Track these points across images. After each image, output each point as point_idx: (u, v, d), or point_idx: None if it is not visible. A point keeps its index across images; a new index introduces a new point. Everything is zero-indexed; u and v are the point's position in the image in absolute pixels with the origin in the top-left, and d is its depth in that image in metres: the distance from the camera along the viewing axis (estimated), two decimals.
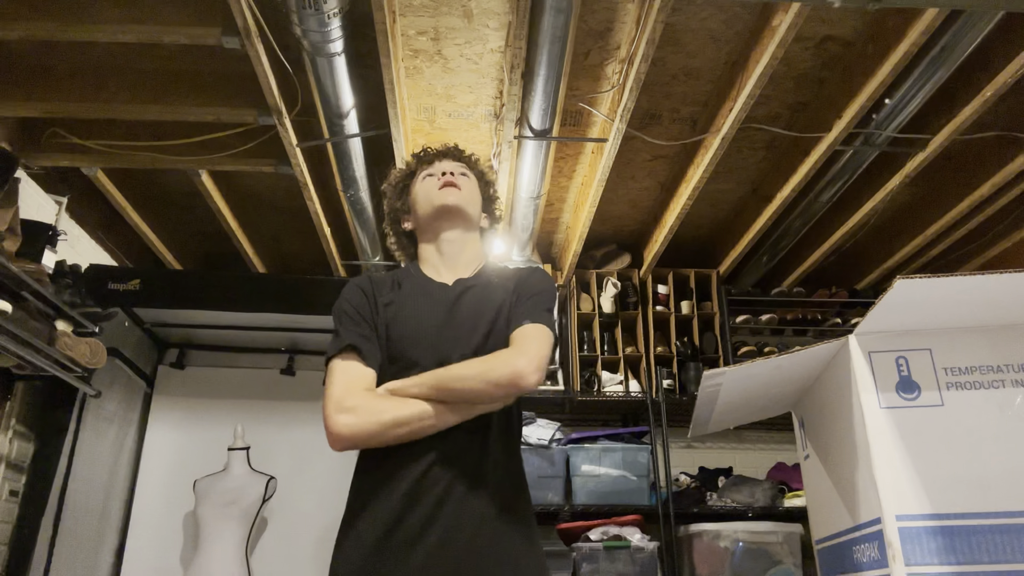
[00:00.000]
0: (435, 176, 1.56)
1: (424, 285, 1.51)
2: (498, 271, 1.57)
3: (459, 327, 1.42)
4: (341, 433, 1.27)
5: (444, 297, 1.47)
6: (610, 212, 3.56)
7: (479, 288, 1.49)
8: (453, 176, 1.55)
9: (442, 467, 1.31)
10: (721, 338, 3.78)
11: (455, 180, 1.55)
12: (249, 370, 3.38)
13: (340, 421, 1.28)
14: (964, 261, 3.75)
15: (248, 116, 2.54)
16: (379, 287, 1.50)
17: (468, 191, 1.57)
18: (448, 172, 1.56)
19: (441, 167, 1.58)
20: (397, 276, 1.55)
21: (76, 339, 2.40)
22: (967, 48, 2.20)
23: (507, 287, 1.49)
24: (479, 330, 1.41)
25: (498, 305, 1.45)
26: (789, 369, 1.72)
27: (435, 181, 1.55)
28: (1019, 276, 1.34)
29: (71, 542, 2.64)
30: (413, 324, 1.43)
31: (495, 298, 1.47)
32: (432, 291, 1.49)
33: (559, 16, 2.05)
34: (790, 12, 2.07)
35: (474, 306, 1.45)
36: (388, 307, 1.46)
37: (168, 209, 3.47)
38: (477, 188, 1.62)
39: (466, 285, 1.50)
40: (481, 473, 1.33)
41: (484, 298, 1.47)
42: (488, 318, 1.43)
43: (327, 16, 1.99)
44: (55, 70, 2.52)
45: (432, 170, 1.58)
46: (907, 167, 2.87)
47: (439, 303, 1.46)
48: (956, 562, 1.34)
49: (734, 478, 3.43)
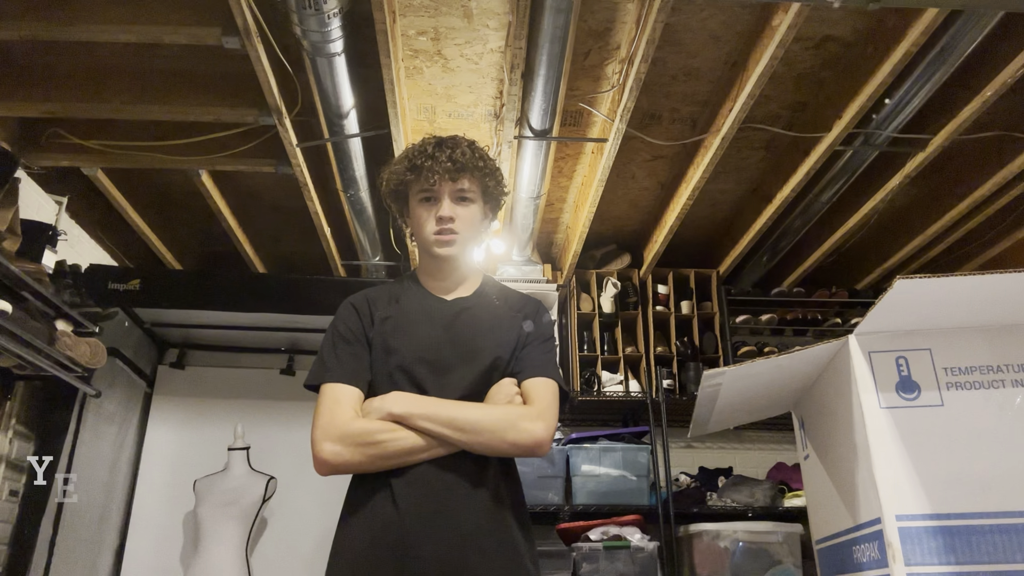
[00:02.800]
0: (431, 211, 1.46)
1: (422, 300, 1.50)
2: (498, 291, 1.56)
3: (458, 346, 1.42)
4: (328, 461, 1.29)
5: (442, 314, 1.47)
6: (610, 212, 3.56)
7: (478, 309, 1.49)
8: (452, 223, 1.45)
9: (437, 478, 1.31)
10: (721, 338, 3.78)
11: (452, 227, 1.45)
12: (249, 370, 3.39)
13: (327, 449, 1.28)
14: (964, 261, 3.75)
15: (248, 116, 2.53)
16: (376, 303, 1.49)
17: (466, 229, 1.48)
18: (447, 217, 1.44)
19: (439, 204, 1.46)
20: (395, 290, 1.54)
21: (76, 339, 2.40)
22: (967, 48, 2.20)
23: (512, 315, 1.49)
24: (482, 354, 1.41)
25: (501, 330, 1.45)
26: (789, 369, 1.72)
27: (432, 219, 1.45)
28: (1019, 276, 1.34)
29: (71, 542, 2.64)
30: (411, 340, 1.42)
31: (496, 322, 1.47)
32: (431, 307, 1.49)
33: (559, 16, 2.05)
34: (790, 12, 2.07)
35: (474, 326, 1.46)
36: (386, 321, 1.45)
37: (168, 209, 3.47)
38: (479, 207, 1.52)
39: (464, 305, 1.50)
40: (478, 484, 1.33)
41: (484, 320, 1.47)
42: (491, 342, 1.43)
43: (327, 16, 1.98)
44: (55, 70, 2.51)
45: (428, 194, 1.47)
46: (907, 167, 2.87)
47: (437, 320, 1.46)
48: (956, 562, 1.34)
49: (734, 478, 3.43)
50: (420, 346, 1.41)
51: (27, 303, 2.26)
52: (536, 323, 1.50)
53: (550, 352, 1.47)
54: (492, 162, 1.53)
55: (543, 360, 1.43)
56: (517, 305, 1.53)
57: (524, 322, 1.49)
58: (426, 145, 1.49)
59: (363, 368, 1.40)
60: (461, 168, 1.46)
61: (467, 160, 1.47)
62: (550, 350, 1.47)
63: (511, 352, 1.43)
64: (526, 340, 1.45)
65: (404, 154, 1.51)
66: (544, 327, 1.50)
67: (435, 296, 1.51)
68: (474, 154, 1.49)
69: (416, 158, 1.47)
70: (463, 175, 1.47)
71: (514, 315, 1.49)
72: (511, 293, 1.58)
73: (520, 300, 1.55)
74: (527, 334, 1.47)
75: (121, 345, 2.95)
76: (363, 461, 1.29)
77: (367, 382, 1.40)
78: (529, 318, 1.50)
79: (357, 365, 1.40)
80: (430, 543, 1.26)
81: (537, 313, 1.53)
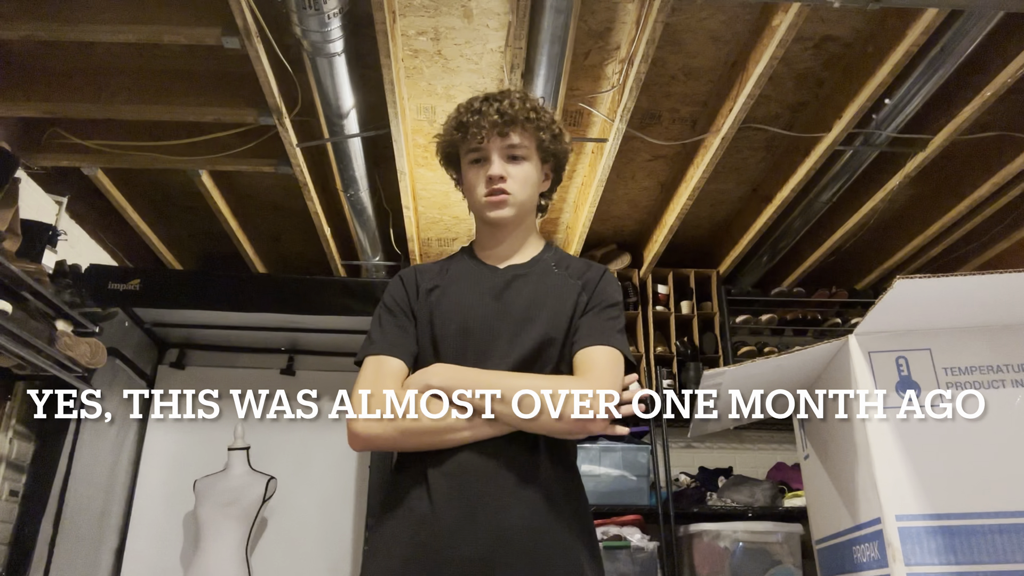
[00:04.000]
0: (481, 171, 1.35)
1: (473, 270, 1.39)
2: (560, 258, 1.42)
3: (506, 317, 1.29)
4: (358, 434, 1.19)
5: (493, 283, 1.35)
6: (610, 212, 3.56)
7: (534, 277, 1.36)
8: (504, 183, 1.33)
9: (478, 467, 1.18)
10: (721, 338, 3.78)
11: (504, 188, 1.33)
12: (249, 370, 3.39)
13: (359, 422, 1.18)
14: (964, 261, 3.75)
15: (248, 116, 2.53)
16: (424, 275, 1.40)
17: (520, 189, 1.35)
18: (497, 176, 1.33)
19: (488, 163, 1.34)
20: (448, 262, 1.44)
21: (76, 339, 2.40)
22: (967, 48, 2.20)
23: (571, 283, 1.35)
24: (533, 325, 1.28)
25: (558, 299, 1.32)
26: (789, 369, 1.72)
27: (482, 181, 1.34)
28: (1019, 276, 1.34)
29: (71, 542, 2.64)
30: (456, 310, 1.31)
31: (552, 291, 1.33)
32: (482, 276, 1.37)
33: (559, 16, 2.05)
34: (790, 12, 2.07)
35: (528, 296, 1.32)
36: (432, 292, 1.35)
37: (168, 209, 3.47)
38: (535, 165, 1.38)
39: (517, 272, 1.37)
40: (528, 474, 1.19)
41: (538, 289, 1.34)
42: (545, 313, 1.29)
43: (327, 16, 1.99)
44: (55, 70, 2.52)
45: (477, 154, 1.35)
46: (907, 167, 2.87)
47: (487, 289, 1.34)
48: (956, 562, 1.34)
49: (734, 478, 3.43)
50: (466, 316, 1.29)
51: (27, 303, 2.26)
52: (597, 289, 1.35)
53: (612, 319, 1.31)
54: (548, 114, 1.38)
55: (602, 327, 1.28)
56: (578, 271, 1.38)
57: (583, 289, 1.34)
58: (473, 101, 1.36)
59: (407, 340, 1.30)
60: (511, 121, 1.32)
61: (516, 112, 1.32)
62: (612, 316, 1.31)
63: (568, 322, 1.29)
64: (585, 307, 1.31)
65: (453, 112, 1.38)
66: (605, 292, 1.34)
67: (487, 265, 1.39)
68: (525, 105, 1.34)
69: (463, 115, 1.35)
70: (513, 129, 1.33)
71: (573, 283, 1.35)
72: (573, 260, 1.42)
73: (581, 266, 1.39)
74: (586, 301, 1.32)
75: (121, 345, 2.95)
76: (396, 437, 1.18)
77: (412, 354, 1.30)
78: (591, 284, 1.35)
79: (401, 337, 1.30)
80: (467, 543, 1.12)
81: (601, 279, 1.37)
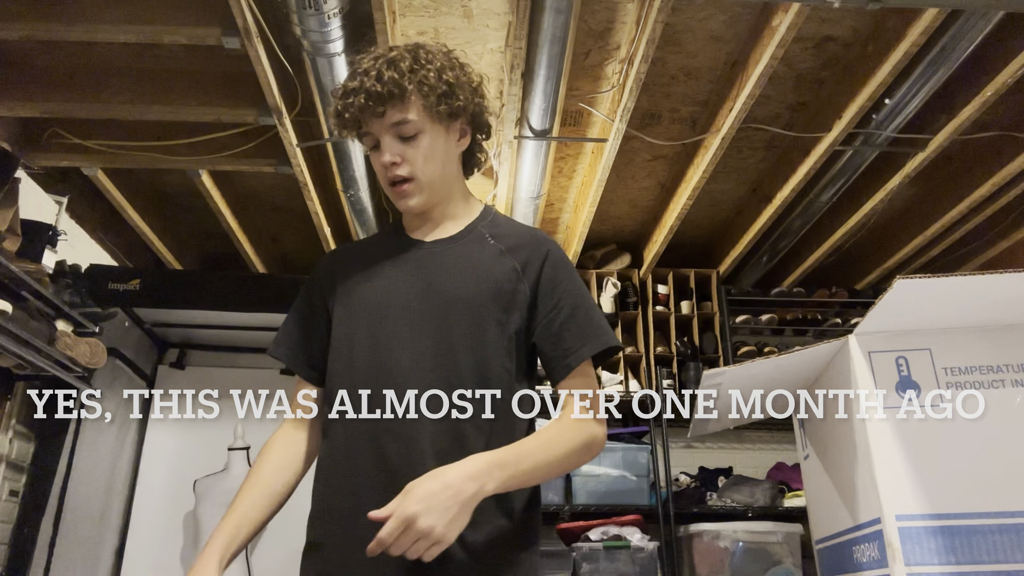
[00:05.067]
0: (377, 159, 1.16)
1: (395, 247, 1.22)
2: (496, 226, 1.23)
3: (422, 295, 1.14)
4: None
5: (413, 259, 1.18)
6: (610, 212, 3.56)
7: (457, 250, 1.18)
8: (400, 167, 1.14)
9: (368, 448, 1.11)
10: (721, 338, 3.78)
11: (403, 174, 1.14)
12: (249, 370, 3.38)
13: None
14: (964, 261, 3.75)
15: (248, 116, 2.53)
16: (352, 256, 1.27)
17: (424, 167, 1.14)
18: (389, 163, 1.14)
19: (380, 151, 1.15)
20: (375, 238, 1.32)
21: (76, 339, 2.40)
22: (967, 48, 2.19)
23: (496, 259, 1.16)
24: (457, 305, 1.11)
25: (474, 276, 1.14)
26: (789, 369, 1.72)
27: (381, 167, 1.16)
28: (1019, 276, 1.34)
29: (71, 542, 2.64)
30: (368, 290, 1.17)
31: (472, 267, 1.15)
32: (402, 251, 1.20)
33: (559, 16, 2.05)
34: (790, 12, 2.07)
35: (443, 271, 1.15)
36: (349, 276, 1.21)
37: (168, 209, 3.47)
38: (434, 134, 1.15)
39: (439, 248, 1.19)
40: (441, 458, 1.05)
41: (457, 263, 1.16)
42: (462, 291, 1.12)
43: (327, 16, 1.98)
44: (55, 70, 2.51)
45: (370, 140, 1.16)
46: (907, 167, 2.87)
47: (403, 265, 1.18)
48: (956, 562, 1.34)
49: (734, 478, 3.43)
50: (384, 298, 1.15)
51: (27, 303, 2.26)
52: (543, 279, 1.14)
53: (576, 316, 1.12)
54: (430, 68, 1.12)
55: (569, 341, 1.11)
56: (514, 244, 1.18)
57: (523, 274, 1.14)
58: (347, 81, 1.14)
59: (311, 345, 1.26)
60: (381, 98, 1.10)
61: (385, 86, 1.09)
62: (574, 308, 1.12)
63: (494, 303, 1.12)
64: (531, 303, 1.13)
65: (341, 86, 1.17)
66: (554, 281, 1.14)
67: (411, 239, 1.22)
68: (394, 72, 1.09)
69: (337, 101, 1.15)
70: (389, 105, 1.11)
71: (508, 261, 1.16)
72: (513, 229, 1.23)
73: (521, 239, 1.19)
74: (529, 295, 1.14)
75: (121, 345, 2.95)
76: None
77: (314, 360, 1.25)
78: (532, 269, 1.15)
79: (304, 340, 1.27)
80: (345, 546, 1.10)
81: (545, 261, 1.15)
